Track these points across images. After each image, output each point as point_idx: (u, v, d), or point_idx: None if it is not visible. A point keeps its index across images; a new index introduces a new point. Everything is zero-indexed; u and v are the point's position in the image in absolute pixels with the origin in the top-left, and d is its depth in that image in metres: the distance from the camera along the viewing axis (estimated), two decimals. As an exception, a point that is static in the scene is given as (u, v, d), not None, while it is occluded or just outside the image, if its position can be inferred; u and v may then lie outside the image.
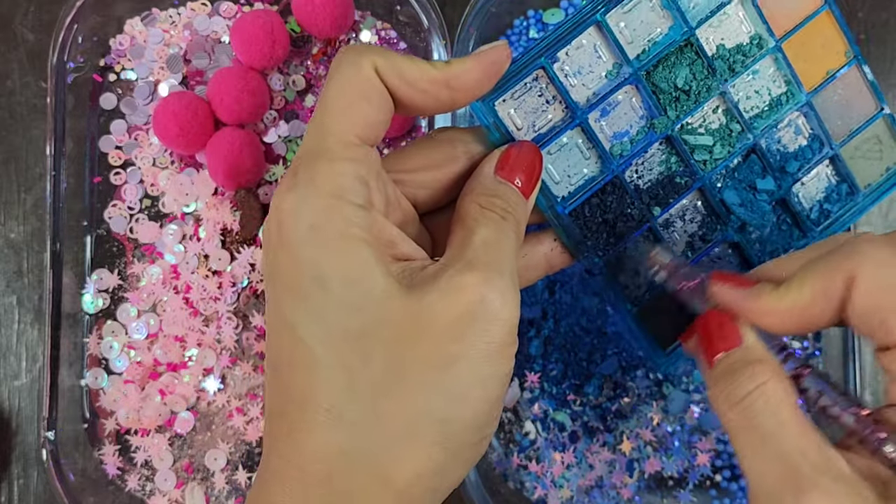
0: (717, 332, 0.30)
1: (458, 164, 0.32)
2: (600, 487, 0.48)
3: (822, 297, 0.29)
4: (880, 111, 0.39)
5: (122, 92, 0.50)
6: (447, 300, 0.27)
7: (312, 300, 0.27)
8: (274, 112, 0.49)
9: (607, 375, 0.48)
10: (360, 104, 0.29)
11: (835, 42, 0.38)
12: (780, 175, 0.37)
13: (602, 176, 0.35)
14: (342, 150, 0.28)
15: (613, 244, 0.36)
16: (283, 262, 0.28)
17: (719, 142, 0.36)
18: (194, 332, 0.48)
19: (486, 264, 0.28)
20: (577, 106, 0.35)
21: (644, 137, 0.36)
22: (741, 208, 0.37)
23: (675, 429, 0.48)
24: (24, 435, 0.49)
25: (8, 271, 0.50)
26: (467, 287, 0.27)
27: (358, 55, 0.29)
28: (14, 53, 0.51)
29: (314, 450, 0.27)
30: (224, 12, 0.50)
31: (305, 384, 0.27)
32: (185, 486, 0.48)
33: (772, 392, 0.27)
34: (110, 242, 0.49)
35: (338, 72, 0.29)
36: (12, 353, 0.50)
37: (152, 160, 0.49)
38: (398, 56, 0.29)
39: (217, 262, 0.48)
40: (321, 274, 0.27)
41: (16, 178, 0.50)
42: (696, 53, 0.35)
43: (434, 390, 0.27)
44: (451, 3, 0.50)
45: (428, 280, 0.28)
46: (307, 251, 0.27)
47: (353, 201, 0.28)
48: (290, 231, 0.27)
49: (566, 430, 0.48)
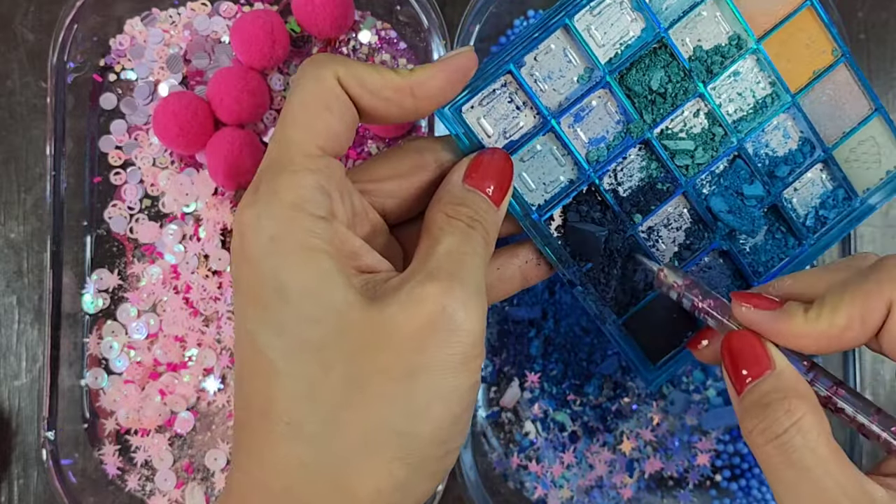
0: (746, 355, 0.29)
1: (428, 174, 0.32)
2: (600, 487, 0.48)
3: (858, 322, 0.28)
4: (874, 111, 0.37)
5: (122, 92, 0.50)
6: (408, 311, 0.26)
7: (272, 311, 0.27)
8: (274, 112, 0.49)
9: (607, 375, 0.48)
10: (322, 114, 0.29)
11: (820, 41, 0.36)
12: (768, 180, 0.36)
13: (578, 182, 0.34)
14: (304, 161, 0.28)
15: (598, 257, 0.35)
16: (245, 273, 0.28)
17: (701, 146, 0.35)
18: (194, 332, 0.48)
19: (449, 274, 0.27)
20: (547, 111, 0.34)
21: (621, 143, 0.35)
22: (729, 215, 0.36)
23: (675, 429, 0.48)
24: (24, 435, 0.49)
25: (8, 271, 0.50)
26: (428, 297, 0.26)
27: (319, 66, 0.29)
28: (14, 53, 0.51)
29: (274, 462, 0.27)
30: (224, 12, 0.50)
31: (266, 395, 0.27)
32: (185, 486, 0.48)
33: (809, 427, 0.27)
34: (110, 242, 0.49)
35: (300, 83, 0.29)
36: (12, 353, 0.50)
37: (152, 160, 0.49)
38: (360, 65, 0.29)
39: (217, 262, 0.48)
40: (281, 285, 0.27)
41: (16, 178, 0.50)
42: (670, 55, 0.34)
43: (393, 403, 0.26)
44: (451, 3, 0.50)
45: (390, 292, 0.27)
46: (267, 262, 0.27)
47: (314, 213, 0.27)
48: (251, 243, 0.27)
49: (566, 430, 0.48)
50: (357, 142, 0.49)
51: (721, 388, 0.48)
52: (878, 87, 0.50)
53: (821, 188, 0.38)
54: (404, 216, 0.33)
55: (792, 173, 0.37)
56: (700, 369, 0.48)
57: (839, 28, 0.45)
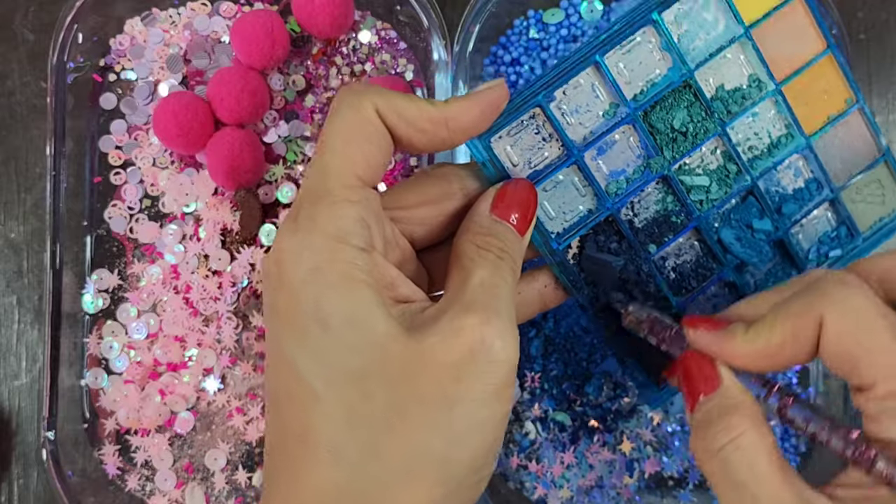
0: (695, 373, 0.30)
1: (455, 201, 0.33)
2: (600, 487, 0.48)
3: (791, 339, 0.28)
4: (882, 156, 0.38)
5: (122, 92, 0.50)
6: (448, 342, 0.27)
7: (313, 339, 0.27)
8: (274, 112, 0.49)
9: (607, 375, 0.48)
10: (361, 145, 0.29)
11: (838, 87, 0.37)
12: (777, 217, 0.37)
13: (597, 213, 0.35)
14: (343, 191, 0.28)
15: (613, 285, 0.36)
16: (283, 300, 0.28)
17: (716, 182, 0.36)
18: (194, 332, 0.48)
19: (485, 306, 0.28)
20: (573, 144, 0.34)
21: (640, 177, 0.35)
22: (738, 245, 0.37)
23: (675, 429, 0.48)
24: (24, 435, 0.49)
25: (8, 271, 0.50)
26: (467, 329, 0.27)
27: (357, 96, 0.29)
28: (14, 53, 0.51)
29: (312, 487, 0.27)
30: (224, 12, 0.50)
31: (304, 421, 0.27)
32: (185, 486, 0.48)
33: (747, 443, 0.28)
34: (110, 242, 0.49)
35: (338, 112, 0.29)
36: (12, 353, 0.50)
37: (152, 160, 0.49)
38: (398, 96, 0.29)
39: (217, 262, 0.48)
40: (322, 314, 0.27)
41: (16, 178, 0.50)
42: (693, 95, 0.35)
43: (434, 430, 0.27)
44: (451, 3, 0.50)
45: (428, 322, 0.28)
46: (308, 292, 0.27)
47: (355, 244, 0.28)
48: (291, 272, 0.27)
49: (566, 430, 0.48)
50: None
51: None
52: (878, 87, 0.50)
53: (826, 226, 0.38)
54: (431, 242, 0.33)
55: (800, 210, 0.38)
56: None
57: (842, 35, 0.46)
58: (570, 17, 0.50)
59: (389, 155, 0.30)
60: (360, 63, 0.50)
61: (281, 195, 0.48)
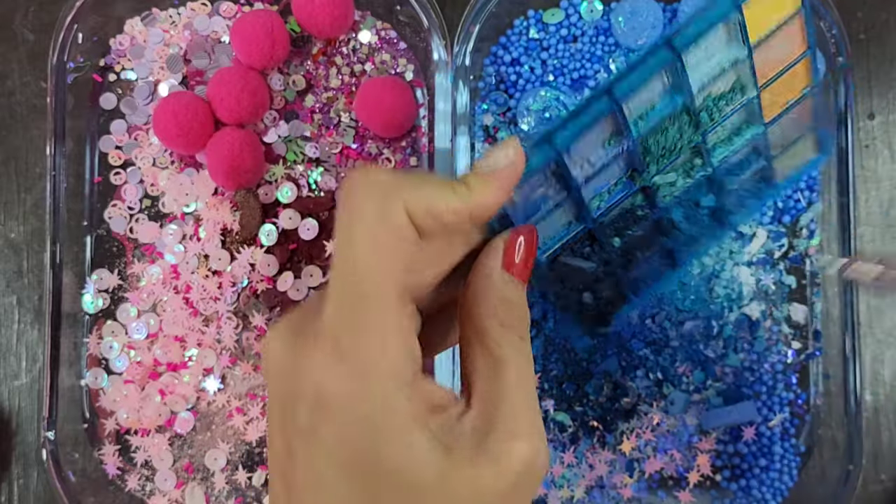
0: None
1: (458, 254, 0.30)
2: (600, 487, 0.48)
3: None
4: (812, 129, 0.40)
5: (122, 92, 0.50)
6: (497, 472, 0.26)
7: (370, 482, 0.25)
8: (274, 112, 0.49)
9: (607, 375, 0.48)
10: (400, 258, 0.25)
11: (802, 79, 0.37)
12: (718, 191, 0.38)
13: (579, 226, 0.34)
14: (389, 319, 0.25)
15: None
16: (328, 435, 0.25)
17: (682, 176, 0.36)
18: (194, 332, 0.48)
19: (530, 423, 0.27)
20: (575, 182, 0.33)
21: (622, 188, 0.35)
22: (685, 223, 0.38)
23: (675, 429, 0.48)
24: (24, 435, 0.49)
25: (8, 271, 0.50)
26: (515, 453, 0.26)
27: (386, 198, 0.25)
28: (14, 53, 0.51)
29: None
30: (224, 12, 0.50)
31: None
32: (185, 486, 0.48)
33: None
34: (110, 242, 0.49)
35: (362, 218, 0.25)
36: (12, 353, 0.50)
37: (152, 160, 0.49)
38: (425, 189, 0.26)
39: (217, 262, 0.48)
40: (375, 468, 0.25)
41: (16, 178, 0.50)
42: (688, 114, 0.34)
43: None
44: (451, 3, 0.50)
45: (471, 443, 0.26)
46: (362, 439, 0.25)
47: (406, 381, 0.25)
48: (339, 416, 0.25)
49: (566, 430, 0.48)
50: (357, 141, 0.50)
51: (721, 388, 0.48)
52: (878, 87, 0.50)
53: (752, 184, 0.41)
54: (437, 302, 0.31)
55: (737, 179, 0.39)
56: (700, 369, 0.48)
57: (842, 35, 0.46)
58: (570, 17, 0.50)
59: (420, 252, 0.27)
60: (360, 63, 0.50)
61: (281, 195, 0.48)
